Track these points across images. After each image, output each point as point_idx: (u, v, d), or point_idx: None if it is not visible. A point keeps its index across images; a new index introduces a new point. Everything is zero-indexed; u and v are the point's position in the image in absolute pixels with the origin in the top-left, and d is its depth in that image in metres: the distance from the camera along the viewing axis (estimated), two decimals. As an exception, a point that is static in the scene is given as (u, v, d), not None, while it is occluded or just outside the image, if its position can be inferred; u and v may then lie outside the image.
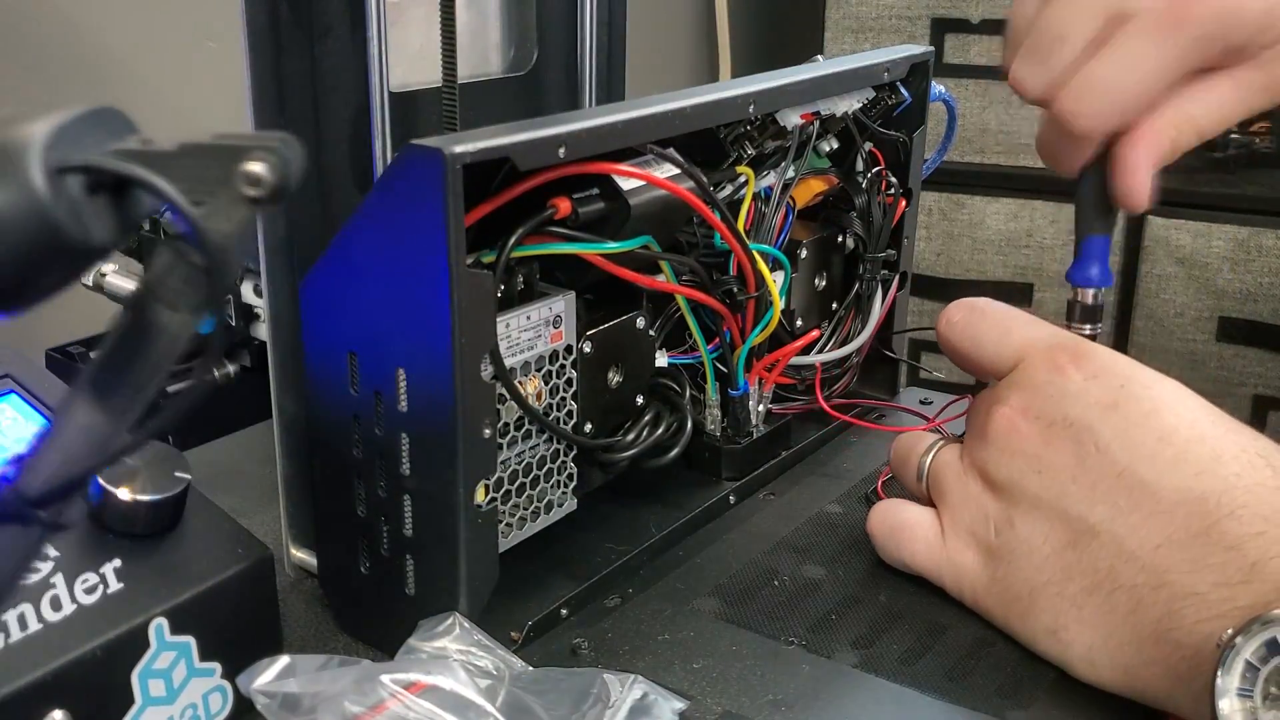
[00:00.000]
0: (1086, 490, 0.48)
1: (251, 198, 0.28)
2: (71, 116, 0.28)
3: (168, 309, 0.29)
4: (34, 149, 0.27)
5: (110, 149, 0.29)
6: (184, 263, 0.29)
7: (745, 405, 0.65)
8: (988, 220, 1.59)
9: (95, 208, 0.28)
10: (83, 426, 0.29)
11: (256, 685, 0.41)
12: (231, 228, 0.28)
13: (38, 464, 0.29)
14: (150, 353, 0.29)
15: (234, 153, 0.28)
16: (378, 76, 0.54)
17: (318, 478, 0.54)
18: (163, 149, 0.28)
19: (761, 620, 0.53)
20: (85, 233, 0.28)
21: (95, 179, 0.28)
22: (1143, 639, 0.46)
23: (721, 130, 0.60)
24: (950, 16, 1.58)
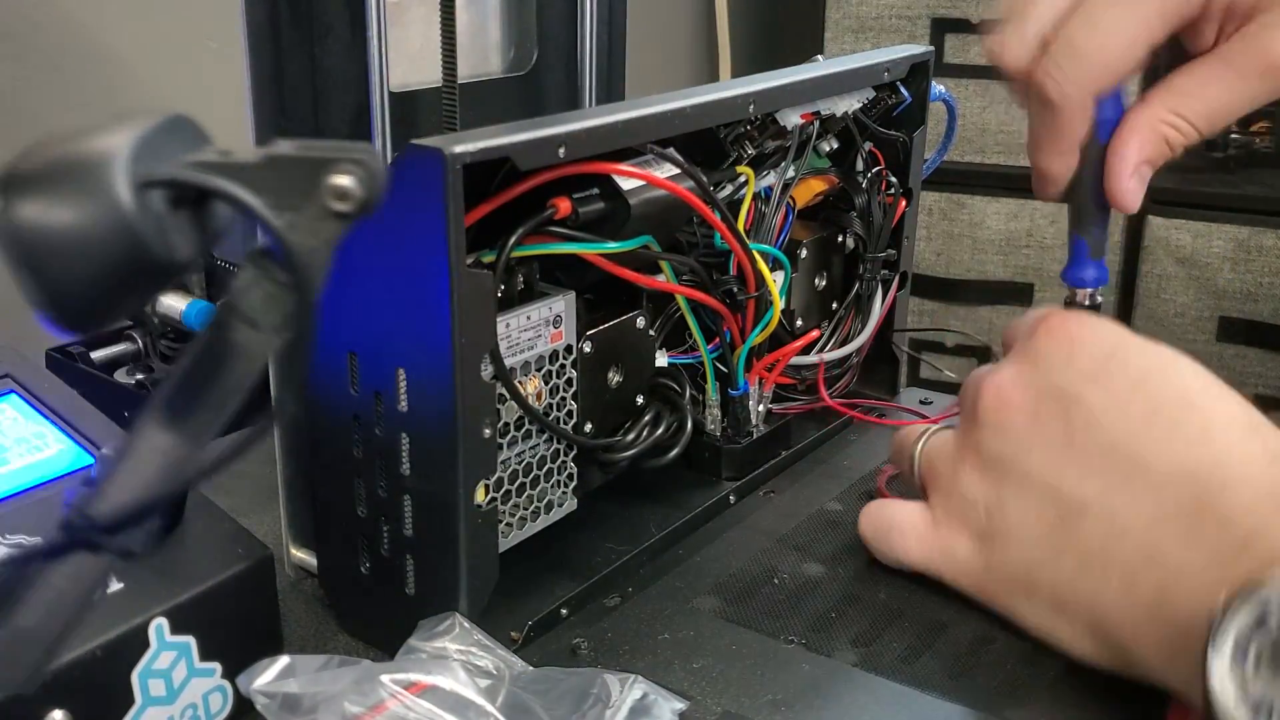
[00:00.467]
0: (1077, 465, 0.48)
1: (339, 212, 0.27)
2: (150, 127, 0.27)
3: (249, 328, 0.28)
4: (119, 162, 0.26)
5: (189, 160, 0.27)
6: (267, 280, 0.28)
7: (745, 405, 0.65)
8: (988, 220, 1.59)
9: (177, 222, 0.27)
10: (156, 449, 0.28)
11: (256, 685, 0.41)
12: (318, 243, 0.27)
13: (109, 489, 0.28)
14: (228, 374, 0.28)
15: (320, 165, 0.27)
16: (378, 76, 0.54)
17: (318, 478, 0.54)
18: (245, 160, 0.27)
19: (761, 619, 0.53)
20: (170, 249, 0.27)
21: (179, 193, 0.27)
22: (1137, 618, 0.46)
23: (721, 130, 0.60)
24: (950, 16, 1.58)
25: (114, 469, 0.28)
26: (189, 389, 0.28)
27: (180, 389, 0.28)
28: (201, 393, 0.28)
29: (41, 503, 0.48)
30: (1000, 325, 1.60)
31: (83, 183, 0.26)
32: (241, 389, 0.28)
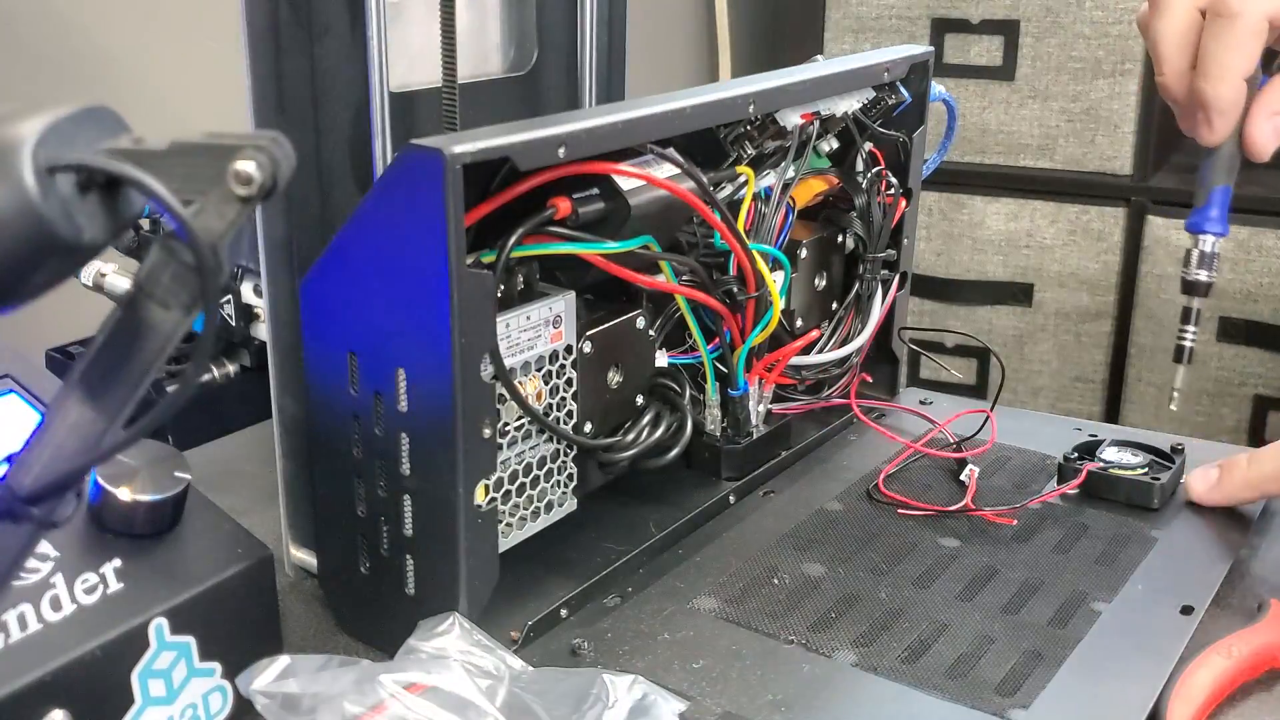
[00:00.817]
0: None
1: (242, 196, 0.28)
2: (63, 115, 0.28)
3: (159, 307, 0.29)
4: (25, 147, 0.27)
5: (102, 147, 0.29)
6: (175, 261, 0.29)
7: (745, 405, 0.65)
8: (988, 220, 1.59)
9: (87, 206, 0.28)
10: (74, 424, 0.29)
11: (256, 685, 0.41)
12: (222, 226, 0.28)
13: (29, 461, 0.29)
14: (141, 351, 0.29)
15: (225, 151, 0.28)
16: (378, 76, 0.54)
17: (318, 478, 0.54)
18: (153, 148, 0.28)
19: (761, 619, 0.53)
20: (76, 231, 0.28)
21: (86, 178, 0.28)
22: None
23: (721, 130, 0.60)
24: (950, 16, 1.57)
25: (35, 443, 0.29)
26: (104, 365, 0.30)
27: (95, 365, 0.30)
28: (116, 369, 0.30)
29: None
30: (1000, 325, 1.60)
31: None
32: (153, 365, 0.29)
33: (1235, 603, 0.57)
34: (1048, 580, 0.57)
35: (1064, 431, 0.72)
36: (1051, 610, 0.54)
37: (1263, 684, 0.51)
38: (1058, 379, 1.60)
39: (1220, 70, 0.58)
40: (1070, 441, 0.68)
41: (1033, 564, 0.58)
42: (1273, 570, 0.60)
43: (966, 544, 0.60)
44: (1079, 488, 0.65)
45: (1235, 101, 0.59)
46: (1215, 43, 0.58)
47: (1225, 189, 0.64)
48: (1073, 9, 1.51)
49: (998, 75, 1.57)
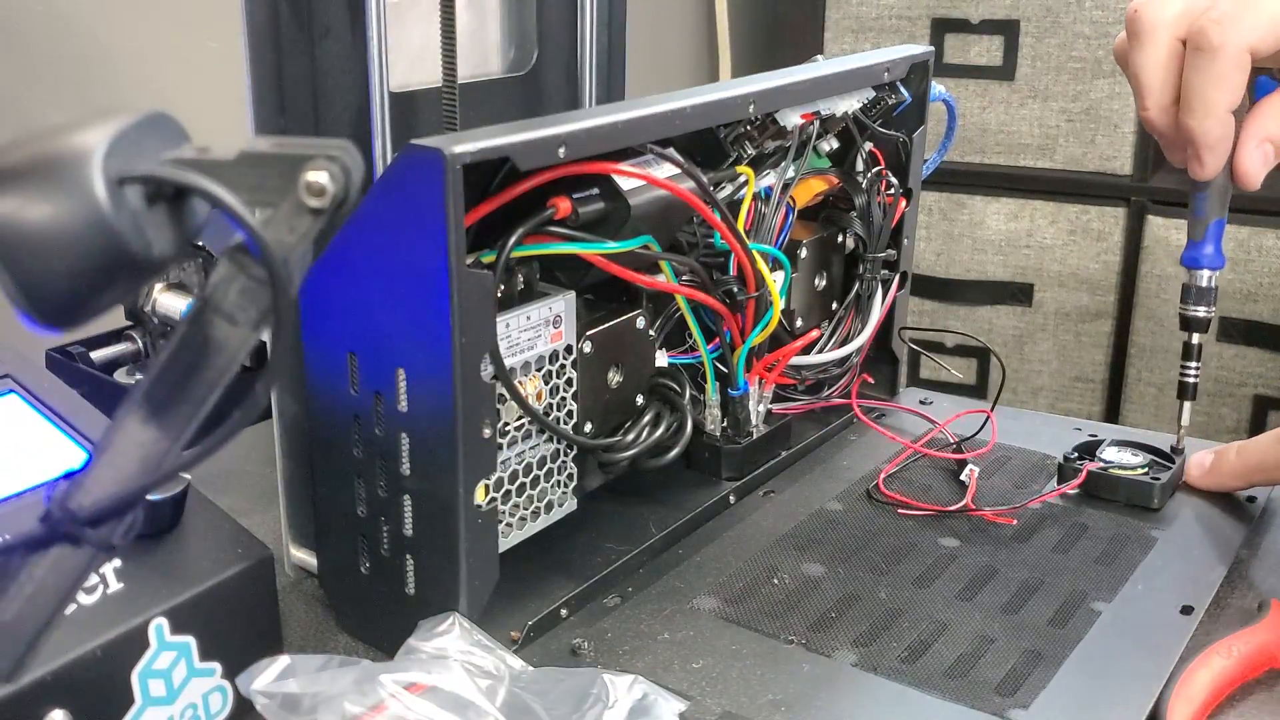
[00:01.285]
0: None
1: (314, 208, 0.27)
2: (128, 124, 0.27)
3: (226, 323, 0.28)
4: (95, 159, 0.26)
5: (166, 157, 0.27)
6: (244, 275, 0.28)
7: (745, 405, 0.65)
8: (988, 220, 1.59)
9: (155, 219, 0.27)
10: (136, 443, 0.28)
11: (256, 686, 0.41)
12: (294, 239, 0.27)
13: (89, 482, 0.28)
14: (206, 368, 0.28)
15: (295, 161, 0.27)
16: (378, 76, 0.54)
17: (318, 478, 0.54)
18: (221, 157, 0.27)
19: (761, 619, 0.53)
20: (147, 245, 0.27)
21: (155, 189, 0.27)
22: None
23: (721, 130, 0.60)
24: (950, 16, 1.57)
25: (94, 462, 0.28)
26: (167, 383, 0.29)
27: (159, 383, 0.29)
28: (180, 387, 0.28)
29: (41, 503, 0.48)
30: (1000, 325, 1.60)
31: (58, 179, 0.26)
32: (219, 383, 0.29)
33: (1235, 603, 0.57)
34: (1048, 580, 0.57)
35: (1064, 431, 0.72)
36: (1051, 610, 0.54)
37: (1263, 684, 0.51)
38: (1058, 379, 1.60)
39: (1206, 106, 0.57)
40: (1070, 441, 0.68)
41: (1033, 564, 0.58)
42: (1273, 570, 0.60)
43: (966, 544, 0.60)
44: (1079, 488, 0.65)
45: (1224, 136, 0.58)
46: (1198, 78, 0.57)
47: (1219, 222, 0.63)
48: (1073, 9, 1.51)
49: (998, 75, 1.57)
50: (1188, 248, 0.64)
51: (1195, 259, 0.64)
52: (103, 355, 0.74)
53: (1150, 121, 0.60)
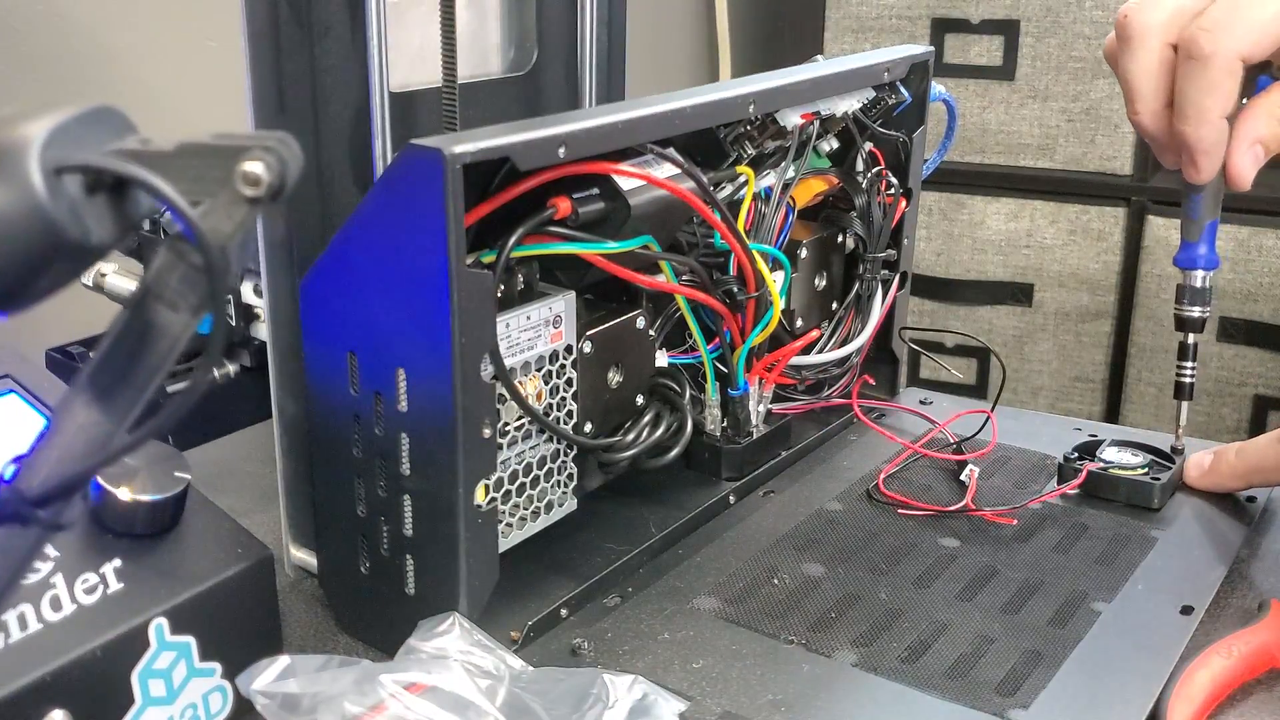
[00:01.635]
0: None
1: (250, 198, 0.28)
2: (70, 116, 0.28)
3: (167, 309, 0.29)
4: (32, 148, 0.27)
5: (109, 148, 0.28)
6: (183, 263, 0.29)
7: (745, 405, 0.65)
8: (988, 220, 1.59)
9: (94, 207, 0.28)
10: (81, 426, 0.29)
11: (256, 686, 0.41)
12: (231, 228, 0.28)
13: (36, 464, 0.29)
14: (149, 353, 0.29)
15: (232, 152, 0.28)
16: (378, 76, 0.54)
17: (318, 478, 0.54)
18: (161, 149, 0.28)
19: (761, 619, 0.53)
20: (84, 232, 0.28)
21: (94, 179, 0.28)
22: None
23: (721, 130, 0.60)
24: (950, 16, 1.58)
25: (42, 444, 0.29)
26: (112, 367, 0.29)
27: (103, 367, 0.29)
28: (124, 371, 0.29)
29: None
30: (1000, 325, 1.60)
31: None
32: (162, 367, 0.29)
33: (1235, 603, 0.57)
34: (1048, 580, 0.57)
35: (1064, 431, 0.72)
36: (1051, 610, 0.54)
37: (1263, 684, 0.51)
38: (1058, 379, 1.60)
39: (1199, 113, 0.57)
40: (1070, 441, 0.68)
41: (1033, 564, 0.58)
42: (1273, 570, 0.60)
43: (966, 544, 0.60)
44: (1079, 488, 0.65)
45: (1218, 141, 0.57)
46: (1190, 85, 0.56)
47: (1214, 223, 0.63)
48: (1073, 9, 1.51)
49: (998, 75, 1.57)
50: (1182, 248, 0.64)
51: (1190, 259, 0.64)
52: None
53: (1141, 125, 0.60)
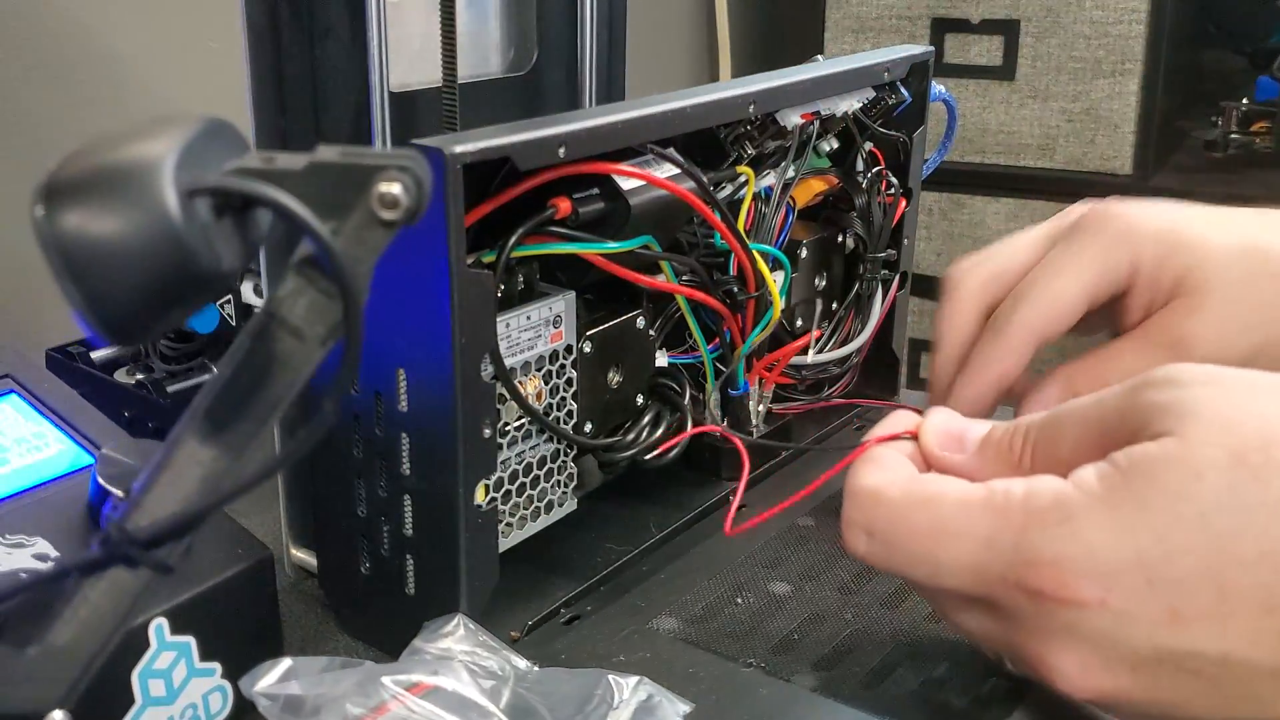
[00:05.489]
0: (1243, 699, 0.37)
1: (387, 221, 0.26)
2: (193, 133, 0.26)
3: (292, 338, 0.27)
4: (165, 170, 0.25)
5: (232, 167, 0.27)
6: (312, 289, 0.27)
7: (745, 405, 0.65)
8: (988, 220, 1.59)
9: (222, 231, 0.26)
10: (195, 463, 0.27)
11: (259, 688, 0.41)
12: (364, 252, 0.26)
13: (145, 502, 0.27)
14: (271, 385, 0.27)
15: (367, 172, 0.26)
16: (378, 76, 0.54)
17: (318, 478, 0.54)
18: (289, 167, 0.27)
19: (722, 641, 0.51)
20: (216, 258, 0.26)
21: (223, 200, 0.26)
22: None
23: (721, 130, 0.60)
24: (950, 16, 1.58)
25: (151, 482, 0.27)
26: (230, 400, 0.28)
27: (220, 399, 0.28)
28: (243, 404, 0.28)
29: (41, 503, 0.48)
30: (1000, 325, 1.59)
31: (128, 191, 0.25)
32: (284, 400, 0.28)
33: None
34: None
35: (1064, 431, 0.72)
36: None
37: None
38: (1057, 379, 1.60)
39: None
40: (1070, 441, 0.68)
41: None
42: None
43: None
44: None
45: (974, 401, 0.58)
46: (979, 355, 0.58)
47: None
48: (1073, 9, 1.51)
49: (998, 75, 1.57)
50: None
51: None
52: (103, 355, 0.74)
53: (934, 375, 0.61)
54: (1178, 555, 0.36)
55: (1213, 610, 0.36)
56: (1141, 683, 0.38)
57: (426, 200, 0.27)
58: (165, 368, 0.74)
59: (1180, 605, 0.36)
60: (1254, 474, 0.36)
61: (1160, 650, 0.37)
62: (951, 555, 0.40)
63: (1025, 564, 0.38)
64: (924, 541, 0.40)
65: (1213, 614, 0.36)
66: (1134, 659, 0.37)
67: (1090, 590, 0.37)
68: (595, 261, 0.53)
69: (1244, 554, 0.35)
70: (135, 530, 0.27)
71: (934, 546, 0.40)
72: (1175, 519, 0.36)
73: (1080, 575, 0.37)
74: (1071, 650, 0.38)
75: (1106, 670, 0.38)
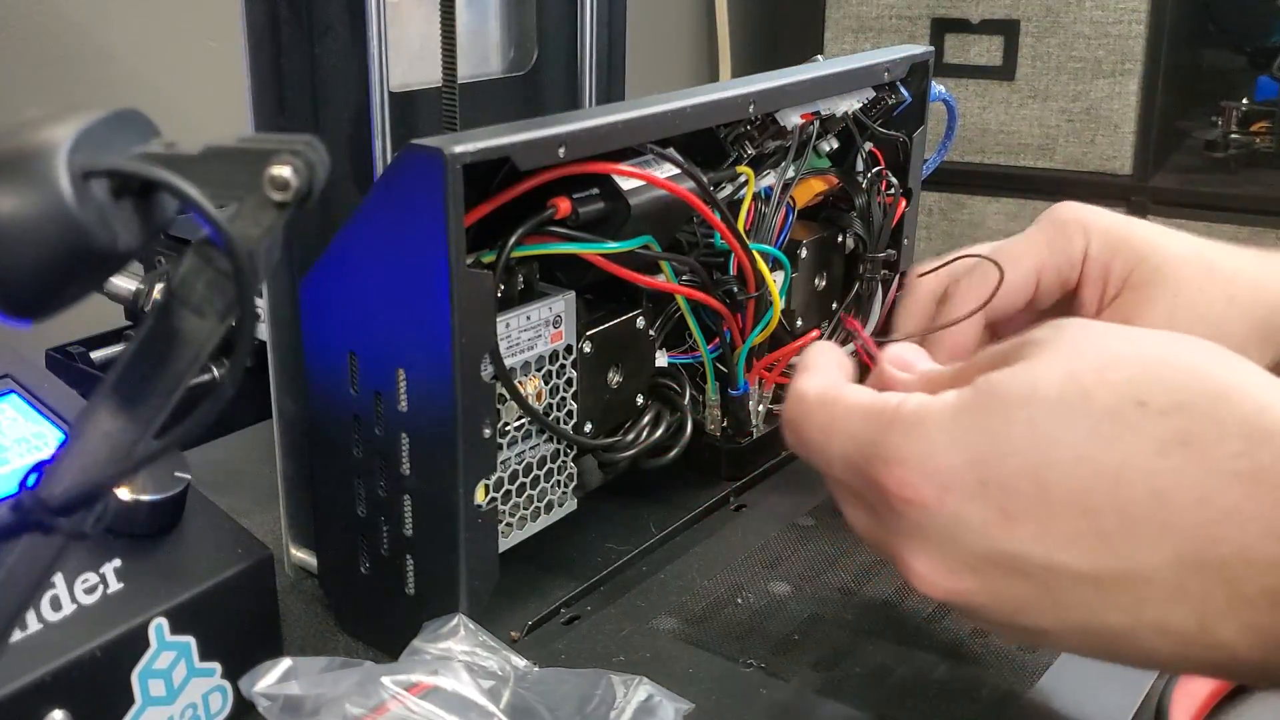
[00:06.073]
0: (1073, 607, 0.39)
1: (278, 202, 0.28)
2: (95, 119, 0.27)
3: (193, 315, 0.29)
4: (59, 152, 0.26)
5: (134, 152, 0.28)
6: (210, 268, 0.28)
7: (745, 405, 0.65)
8: (988, 220, 1.59)
9: (121, 212, 0.28)
10: (105, 434, 0.29)
11: (259, 688, 0.41)
12: (258, 232, 0.28)
13: (59, 471, 0.29)
14: (174, 360, 0.29)
15: (260, 156, 0.28)
16: (378, 76, 0.54)
17: (318, 478, 0.54)
18: (187, 152, 0.28)
19: (722, 641, 0.51)
20: (112, 238, 0.27)
21: (120, 183, 0.28)
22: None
23: (721, 130, 0.60)
24: (950, 16, 1.58)
25: (65, 453, 0.29)
26: (136, 374, 0.29)
27: (128, 374, 0.29)
28: (149, 378, 0.29)
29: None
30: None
31: (24, 172, 0.26)
32: (187, 374, 0.29)
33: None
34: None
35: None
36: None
37: (1263, 683, 0.51)
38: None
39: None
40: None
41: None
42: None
43: None
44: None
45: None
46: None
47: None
48: (1073, 9, 1.51)
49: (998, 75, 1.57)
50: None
51: None
52: (103, 355, 0.74)
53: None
54: (1008, 456, 0.38)
55: (1037, 511, 0.38)
56: (983, 585, 0.39)
57: (319, 182, 0.28)
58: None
59: (1009, 505, 0.38)
60: (1082, 390, 0.38)
61: (994, 552, 0.39)
62: (835, 449, 0.43)
63: (880, 460, 0.40)
64: (818, 435, 0.44)
65: (1037, 515, 0.38)
66: (972, 560, 0.39)
67: (928, 489, 0.39)
68: (595, 261, 0.53)
69: (1063, 457, 0.38)
70: (48, 497, 0.28)
71: (825, 440, 0.43)
72: (1007, 423, 0.38)
73: (920, 474, 0.39)
74: (921, 551, 0.40)
75: (951, 573, 0.40)
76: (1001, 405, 0.39)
